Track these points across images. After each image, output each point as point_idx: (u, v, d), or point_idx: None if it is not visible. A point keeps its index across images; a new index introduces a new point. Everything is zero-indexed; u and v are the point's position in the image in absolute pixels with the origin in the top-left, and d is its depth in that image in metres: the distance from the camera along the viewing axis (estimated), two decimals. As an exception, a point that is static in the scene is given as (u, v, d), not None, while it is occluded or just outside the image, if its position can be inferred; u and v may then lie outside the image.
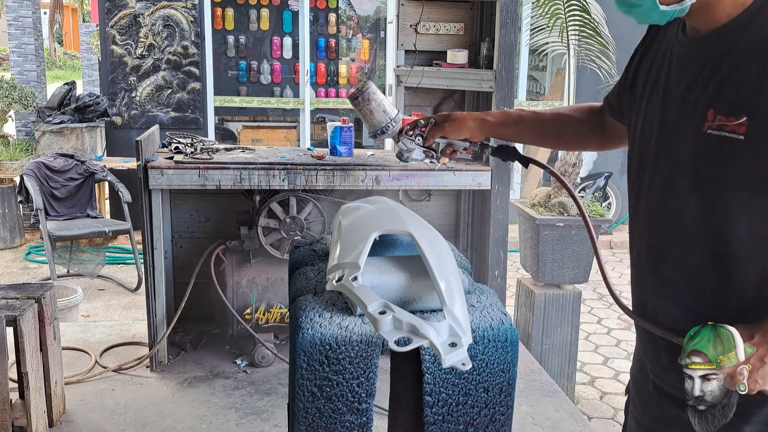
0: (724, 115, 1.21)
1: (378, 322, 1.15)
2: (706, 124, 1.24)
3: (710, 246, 1.28)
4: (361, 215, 1.52)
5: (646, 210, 1.41)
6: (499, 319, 1.36)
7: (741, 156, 1.20)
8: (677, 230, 1.33)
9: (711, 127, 1.23)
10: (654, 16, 1.27)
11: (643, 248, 1.43)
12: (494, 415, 1.35)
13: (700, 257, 1.30)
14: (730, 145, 1.20)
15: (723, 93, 1.22)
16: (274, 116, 7.93)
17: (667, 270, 1.37)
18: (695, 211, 1.29)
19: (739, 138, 1.18)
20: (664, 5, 1.24)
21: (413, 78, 3.55)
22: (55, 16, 20.75)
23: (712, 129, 1.23)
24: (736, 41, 1.22)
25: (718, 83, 1.23)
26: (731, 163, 1.22)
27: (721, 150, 1.22)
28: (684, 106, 1.30)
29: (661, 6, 1.24)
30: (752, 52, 1.19)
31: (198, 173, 3.06)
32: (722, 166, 1.23)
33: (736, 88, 1.20)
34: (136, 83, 6.32)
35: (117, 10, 6.19)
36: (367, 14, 8.53)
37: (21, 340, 2.48)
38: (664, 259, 1.37)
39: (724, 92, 1.22)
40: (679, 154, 1.31)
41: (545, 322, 3.72)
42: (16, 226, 6.10)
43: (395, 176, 3.20)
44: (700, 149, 1.26)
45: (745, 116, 1.17)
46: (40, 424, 2.61)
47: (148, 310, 3.18)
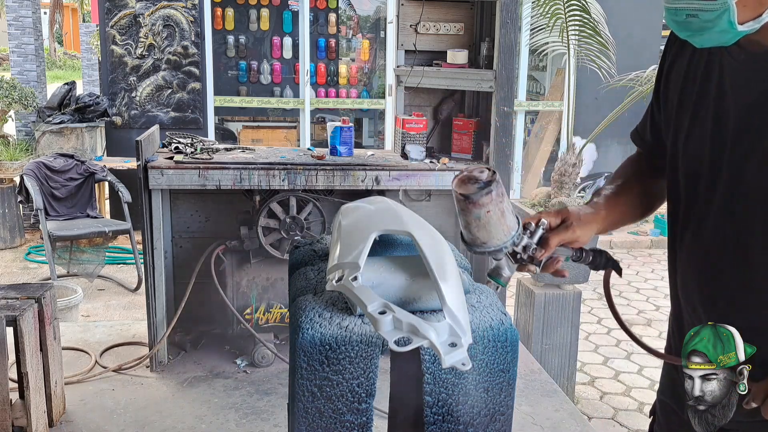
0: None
1: (378, 322, 1.15)
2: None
3: None
4: (361, 215, 1.52)
5: (695, 237, 1.30)
6: (499, 319, 1.36)
7: None
8: (739, 266, 1.23)
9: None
10: (725, 37, 1.14)
11: (690, 274, 1.31)
12: (494, 415, 1.35)
13: (763, 294, 1.20)
14: None
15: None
16: (274, 116, 7.93)
17: (723, 305, 1.26)
18: (762, 243, 1.18)
19: None
20: (741, 25, 1.11)
21: (413, 78, 3.55)
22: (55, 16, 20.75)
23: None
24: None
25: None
26: None
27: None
28: (747, 128, 1.19)
29: (739, 27, 1.11)
30: None
31: (198, 173, 3.06)
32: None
33: None
34: (136, 83, 6.32)
35: (117, 10, 6.19)
36: (367, 14, 8.53)
37: (21, 340, 2.48)
38: (721, 292, 1.27)
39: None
40: (743, 180, 1.19)
41: (545, 322, 3.72)
42: (16, 226, 6.10)
43: (395, 176, 3.20)
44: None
45: None
46: (40, 424, 2.61)
47: (148, 310, 3.18)
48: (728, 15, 1.08)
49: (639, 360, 4.30)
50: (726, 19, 1.09)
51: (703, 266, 1.28)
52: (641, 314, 5.16)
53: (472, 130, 3.58)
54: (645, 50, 6.85)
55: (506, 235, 1.21)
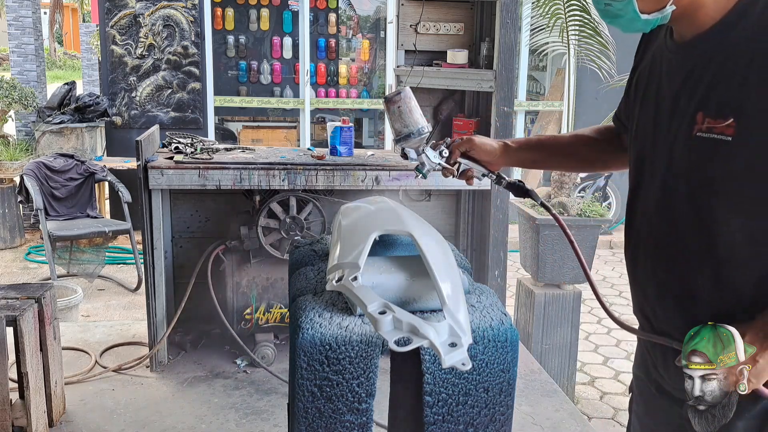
0: (712, 118, 1.22)
1: (378, 322, 1.15)
2: (695, 127, 1.25)
3: (704, 250, 1.28)
4: (361, 215, 1.52)
5: (642, 215, 1.41)
6: (499, 319, 1.36)
7: (730, 157, 1.20)
8: (672, 234, 1.33)
9: (700, 130, 1.24)
10: (637, 25, 1.28)
11: (640, 251, 1.43)
12: (494, 415, 1.35)
13: (695, 261, 1.30)
14: (719, 147, 1.21)
15: (710, 96, 1.23)
16: (274, 116, 7.93)
17: (663, 273, 1.37)
18: (689, 215, 1.29)
19: (727, 139, 1.19)
20: (645, 14, 1.25)
21: (413, 78, 3.55)
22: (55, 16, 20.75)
23: (702, 132, 1.23)
24: (721, 44, 1.23)
25: (705, 87, 1.24)
26: (721, 164, 1.22)
27: (711, 152, 1.23)
28: (675, 111, 1.31)
29: (642, 15, 1.25)
30: (737, 54, 1.20)
31: (198, 173, 3.06)
32: (712, 169, 1.24)
33: (723, 91, 1.21)
34: (136, 83, 6.32)
35: (117, 10, 6.19)
36: (367, 14, 8.53)
37: (21, 340, 2.48)
38: (660, 263, 1.38)
39: (711, 95, 1.23)
40: (672, 159, 1.31)
41: (545, 322, 3.72)
42: (16, 226, 6.10)
43: (395, 176, 3.20)
44: (691, 153, 1.27)
45: (732, 118, 1.19)
46: (40, 424, 2.61)
47: (148, 310, 3.18)
48: (632, 5, 1.24)
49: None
50: (631, 9, 1.25)
51: (646, 230, 1.40)
52: (641, 314, 5.16)
53: (472, 130, 3.58)
54: (645, 50, 6.83)
55: (414, 125, 1.70)
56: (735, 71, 1.20)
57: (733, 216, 1.24)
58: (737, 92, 1.19)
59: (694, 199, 1.28)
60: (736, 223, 1.24)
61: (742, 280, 1.26)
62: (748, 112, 1.18)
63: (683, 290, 1.34)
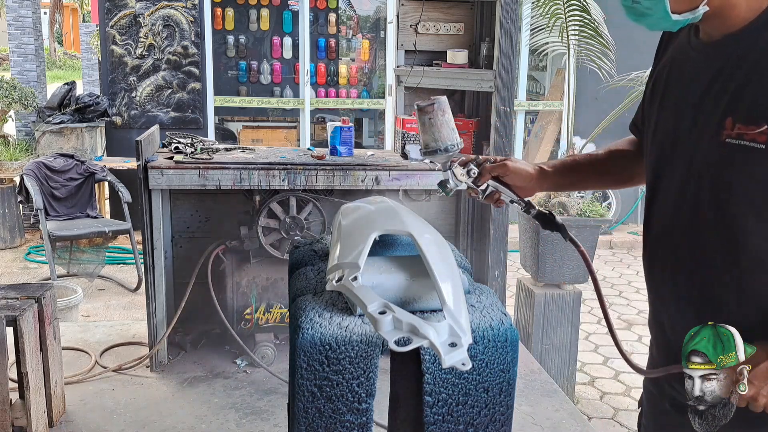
0: (743, 123, 1.17)
1: (378, 322, 1.15)
2: (724, 132, 1.20)
3: (726, 258, 1.25)
4: (361, 215, 1.52)
5: (659, 220, 1.38)
6: (499, 319, 1.36)
7: (760, 165, 1.17)
8: (692, 241, 1.30)
9: (730, 136, 1.19)
10: (664, 24, 1.25)
11: (657, 258, 1.40)
12: (494, 415, 1.35)
13: (716, 269, 1.27)
14: (749, 154, 1.17)
15: (741, 100, 1.19)
16: (274, 116, 7.93)
17: (683, 281, 1.33)
18: (711, 222, 1.25)
19: (760, 147, 1.15)
20: (676, 14, 1.21)
21: (413, 78, 3.55)
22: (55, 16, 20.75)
23: (731, 138, 1.19)
24: (753, 46, 1.19)
25: (735, 90, 1.20)
26: (750, 172, 1.19)
27: (740, 159, 1.19)
28: (700, 113, 1.26)
29: (673, 15, 1.21)
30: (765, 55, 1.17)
31: (198, 173, 3.06)
32: (740, 175, 1.20)
33: (755, 95, 1.17)
34: (136, 83, 6.32)
35: (117, 10, 6.19)
36: (367, 14, 8.53)
37: (21, 340, 2.48)
38: (679, 270, 1.34)
39: (742, 99, 1.18)
40: (695, 162, 1.27)
41: (545, 322, 3.72)
42: (16, 226, 6.10)
43: (395, 176, 3.20)
44: (718, 158, 1.23)
45: (765, 124, 1.14)
46: (40, 424, 2.61)
47: (148, 310, 3.18)
48: (663, 4, 1.21)
49: (639, 360, 4.29)
50: (662, 8, 1.22)
51: (664, 235, 1.36)
52: (641, 314, 5.16)
53: (472, 130, 3.58)
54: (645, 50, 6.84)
55: (445, 141, 1.60)
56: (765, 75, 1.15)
57: (758, 223, 1.20)
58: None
59: (718, 206, 1.24)
60: (760, 231, 1.20)
61: (766, 291, 1.23)
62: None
63: (704, 300, 1.29)
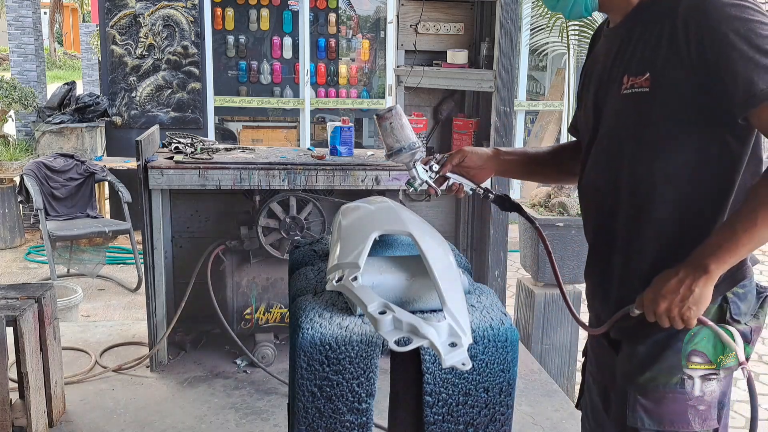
0: (633, 75, 1.41)
1: (378, 322, 1.15)
2: (622, 87, 1.43)
3: (630, 192, 1.45)
4: (361, 215, 1.52)
5: (589, 176, 1.57)
6: (499, 319, 1.36)
7: (648, 106, 1.39)
8: (611, 185, 1.49)
9: (626, 88, 1.42)
10: (577, 9, 1.48)
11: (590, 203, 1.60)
12: (494, 415, 1.35)
13: (625, 202, 1.47)
14: (639, 99, 1.40)
15: (633, 59, 1.42)
16: (274, 116, 7.92)
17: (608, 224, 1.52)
18: (617, 166, 1.46)
19: (645, 90, 1.38)
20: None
21: (413, 78, 3.55)
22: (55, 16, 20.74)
23: (626, 89, 1.42)
24: (641, 20, 1.42)
25: (629, 53, 1.43)
26: (642, 114, 1.41)
27: (634, 105, 1.41)
28: (609, 82, 1.49)
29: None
30: (652, 25, 1.39)
31: (198, 173, 3.06)
32: (636, 119, 1.42)
33: (642, 50, 1.40)
34: (136, 83, 6.32)
35: (117, 10, 6.19)
36: (367, 14, 8.53)
37: (21, 340, 2.48)
38: (598, 212, 1.56)
39: (633, 58, 1.42)
40: (609, 121, 1.49)
41: (545, 322, 3.72)
42: (16, 226, 6.09)
43: (395, 176, 3.20)
44: (620, 110, 1.46)
45: (648, 72, 1.38)
46: (40, 424, 2.61)
47: (148, 310, 3.18)
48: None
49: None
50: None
51: (593, 187, 1.57)
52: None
53: (472, 130, 3.58)
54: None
55: (406, 141, 1.74)
56: (651, 37, 1.39)
57: (656, 160, 1.40)
58: (652, 52, 1.38)
59: (627, 151, 1.44)
60: (657, 165, 1.40)
61: (665, 216, 1.42)
62: (659, 67, 1.36)
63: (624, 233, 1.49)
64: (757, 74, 1.25)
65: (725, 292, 1.40)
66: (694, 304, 1.30)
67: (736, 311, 1.41)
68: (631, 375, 1.46)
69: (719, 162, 1.37)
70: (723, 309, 1.41)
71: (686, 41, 1.32)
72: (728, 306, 1.41)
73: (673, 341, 1.41)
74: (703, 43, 1.30)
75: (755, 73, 1.25)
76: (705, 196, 1.39)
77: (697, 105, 1.34)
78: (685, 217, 1.40)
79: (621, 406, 1.47)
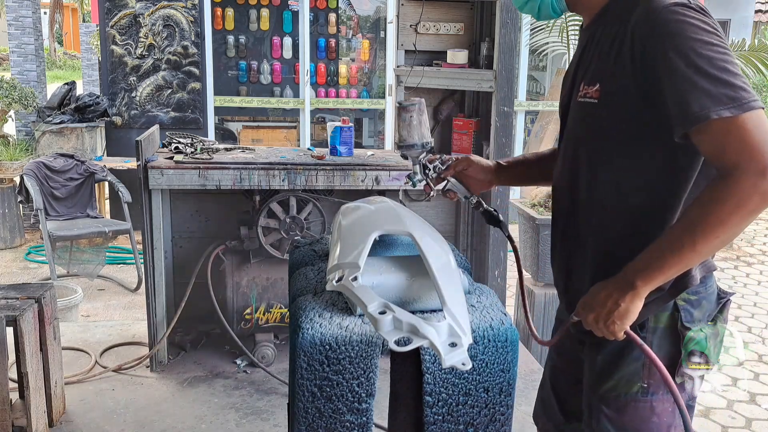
0: (587, 85, 1.45)
1: (378, 322, 1.15)
2: (578, 94, 1.48)
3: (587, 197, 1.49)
4: (361, 215, 1.52)
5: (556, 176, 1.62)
6: (499, 319, 1.36)
7: (597, 116, 1.43)
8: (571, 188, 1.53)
9: (580, 96, 1.47)
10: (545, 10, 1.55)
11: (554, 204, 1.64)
12: (494, 415, 1.35)
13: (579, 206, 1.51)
14: (589, 108, 1.44)
15: (590, 66, 1.46)
16: (274, 116, 7.92)
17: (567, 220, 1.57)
18: (581, 170, 1.50)
19: (594, 101, 1.42)
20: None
21: (413, 78, 3.55)
22: (55, 16, 20.73)
23: (581, 97, 1.47)
24: (602, 24, 1.46)
25: (589, 59, 1.48)
26: (593, 123, 1.45)
27: (586, 114, 1.46)
28: (572, 86, 1.54)
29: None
30: (607, 32, 1.42)
31: (198, 173, 3.06)
32: (588, 128, 1.47)
33: (596, 61, 1.44)
34: (136, 83, 6.32)
35: (117, 10, 6.19)
36: (367, 14, 8.53)
37: (21, 340, 2.48)
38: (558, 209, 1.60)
39: (590, 66, 1.46)
40: (569, 126, 1.55)
41: (545, 322, 3.72)
42: (16, 226, 6.09)
43: (395, 176, 3.20)
44: (576, 117, 1.51)
45: (598, 83, 1.41)
46: (40, 424, 2.61)
47: (148, 310, 3.18)
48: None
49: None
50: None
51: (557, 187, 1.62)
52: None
53: (472, 130, 3.57)
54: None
55: (420, 138, 1.80)
56: (604, 46, 1.41)
57: (604, 169, 1.44)
58: (603, 63, 1.41)
59: (578, 157, 1.49)
60: (607, 173, 1.44)
61: (615, 223, 1.44)
62: (608, 79, 1.39)
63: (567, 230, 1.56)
64: (693, 95, 1.23)
65: (671, 300, 1.40)
66: (619, 319, 1.31)
67: (687, 318, 1.40)
68: (593, 385, 1.48)
69: (667, 174, 1.37)
70: (674, 316, 1.40)
71: (631, 54, 1.33)
72: (679, 314, 1.40)
73: (628, 350, 1.41)
74: (646, 58, 1.31)
75: (691, 95, 1.23)
76: (653, 206, 1.39)
77: (642, 118, 1.35)
78: (634, 225, 1.41)
79: (588, 417, 1.50)
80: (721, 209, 1.21)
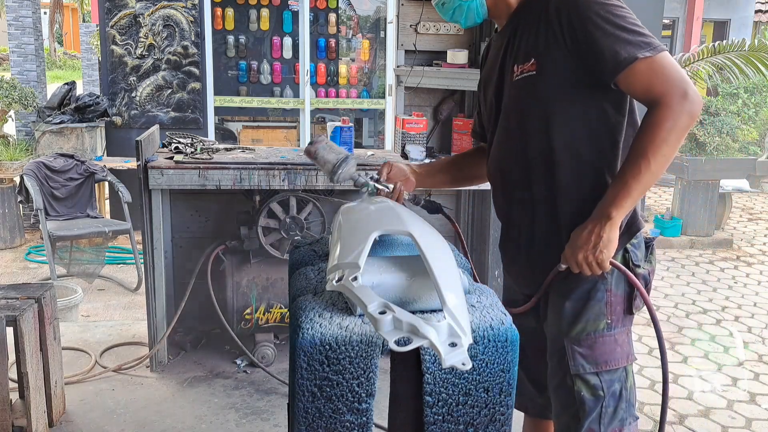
0: (521, 63, 1.67)
1: (378, 322, 1.15)
2: (513, 75, 1.69)
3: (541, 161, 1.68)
4: (361, 215, 1.52)
5: (494, 159, 1.82)
6: (499, 319, 1.36)
7: (537, 86, 1.64)
8: (520, 161, 1.73)
9: (516, 75, 1.69)
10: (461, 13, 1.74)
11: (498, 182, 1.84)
12: (494, 415, 1.35)
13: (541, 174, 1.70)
14: (529, 81, 1.65)
15: (519, 50, 1.68)
16: (274, 116, 7.92)
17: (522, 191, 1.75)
18: (529, 140, 1.70)
19: (533, 74, 1.64)
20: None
21: (413, 78, 3.55)
22: (55, 16, 20.75)
23: (517, 76, 1.68)
24: (523, 16, 1.69)
25: (516, 46, 1.70)
26: (534, 93, 1.66)
27: (525, 87, 1.67)
28: (502, 75, 1.75)
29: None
30: (532, 19, 1.65)
31: (198, 173, 3.06)
32: (529, 99, 1.67)
33: (526, 43, 1.66)
34: (136, 83, 6.32)
35: (117, 10, 6.19)
36: (367, 14, 8.52)
37: (21, 340, 2.48)
38: (509, 183, 1.79)
39: (520, 50, 1.68)
40: (507, 107, 1.74)
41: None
42: (16, 226, 6.09)
43: (395, 176, 3.19)
44: (515, 95, 1.71)
45: (533, 58, 1.64)
46: (40, 424, 2.61)
47: (148, 310, 3.18)
48: None
49: (638, 360, 4.30)
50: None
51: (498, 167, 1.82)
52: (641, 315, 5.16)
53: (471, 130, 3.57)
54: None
55: (343, 153, 2.03)
56: (531, 29, 1.65)
57: (551, 132, 1.65)
58: (534, 41, 1.64)
59: (525, 128, 1.69)
60: (554, 136, 1.65)
61: (569, 180, 1.66)
62: (542, 52, 1.62)
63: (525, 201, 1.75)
64: (619, 45, 1.53)
65: (626, 244, 1.68)
66: (605, 248, 1.56)
67: (635, 258, 1.70)
68: (565, 330, 1.71)
69: (603, 128, 1.65)
70: (626, 258, 1.69)
71: (560, 27, 1.59)
72: (629, 255, 1.69)
73: (593, 293, 1.69)
74: (573, 27, 1.57)
75: (617, 45, 1.53)
76: (597, 159, 1.66)
77: (576, 80, 1.61)
78: (586, 178, 1.66)
79: (562, 359, 1.72)
80: (660, 130, 1.50)
